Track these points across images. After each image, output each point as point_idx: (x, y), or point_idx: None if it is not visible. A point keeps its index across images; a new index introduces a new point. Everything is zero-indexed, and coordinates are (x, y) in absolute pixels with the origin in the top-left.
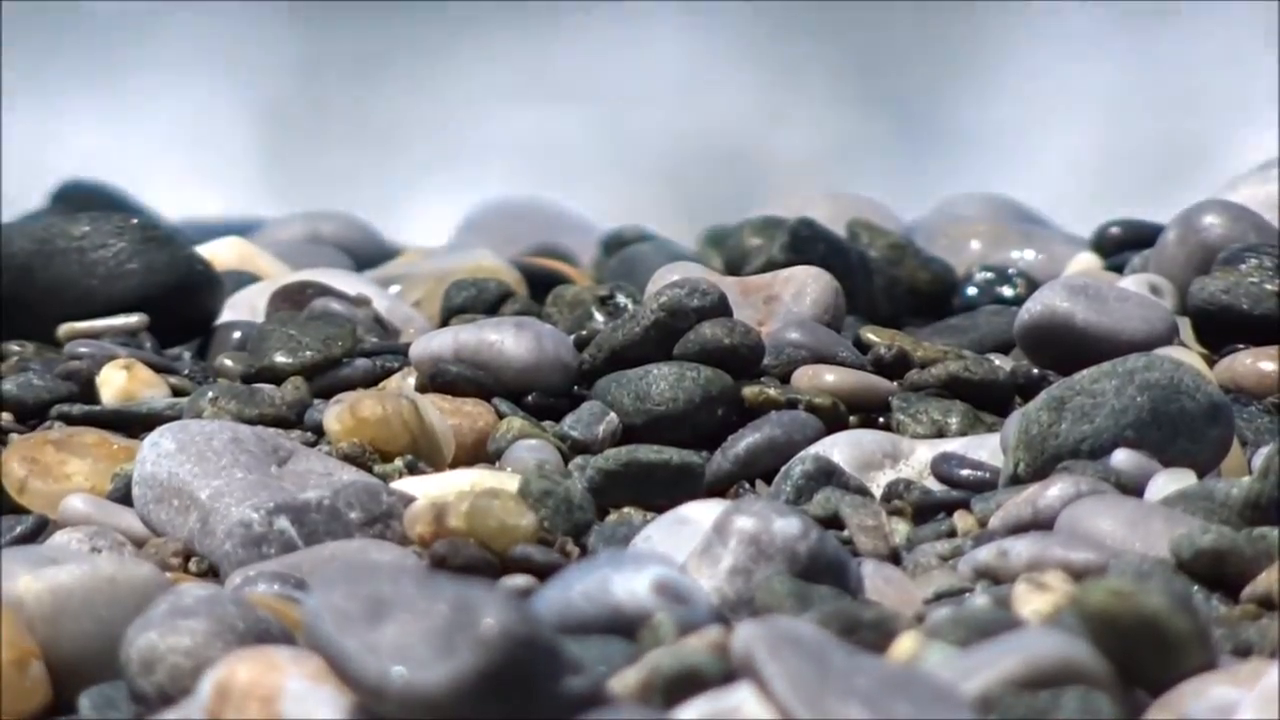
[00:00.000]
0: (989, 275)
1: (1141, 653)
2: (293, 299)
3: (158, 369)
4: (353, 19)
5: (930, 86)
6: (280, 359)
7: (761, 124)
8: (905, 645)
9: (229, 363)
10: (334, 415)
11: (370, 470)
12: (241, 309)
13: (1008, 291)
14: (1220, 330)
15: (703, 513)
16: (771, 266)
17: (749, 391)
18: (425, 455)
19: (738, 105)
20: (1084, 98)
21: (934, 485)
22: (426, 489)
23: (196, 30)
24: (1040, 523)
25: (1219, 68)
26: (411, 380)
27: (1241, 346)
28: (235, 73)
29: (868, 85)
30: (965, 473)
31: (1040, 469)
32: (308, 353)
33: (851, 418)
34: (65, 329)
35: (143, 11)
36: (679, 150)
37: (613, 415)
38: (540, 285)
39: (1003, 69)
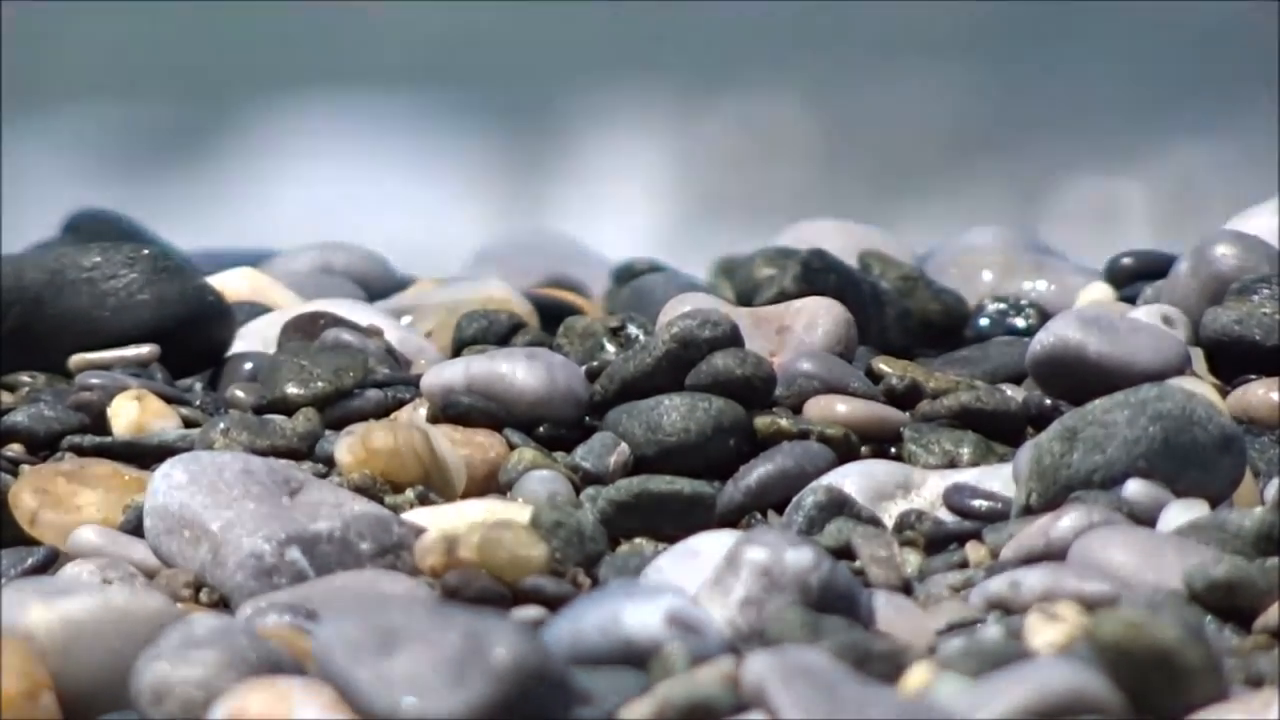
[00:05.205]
0: (1001, 306)
1: (1154, 683)
2: (304, 330)
3: (169, 400)
4: None
5: None
6: (292, 390)
7: None
8: (917, 676)
9: (240, 394)
10: (345, 446)
11: (381, 501)
12: (253, 340)
13: (1020, 322)
14: (1233, 361)
15: (714, 544)
16: (783, 297)
17: (761, 422)
18: (437, 486)
19: None
20: None
21: (946, 516)
22: (438, 520)
23: None
24: (1052, 553)
25: None
26: (423, 411)
27: (1254, 377)
28: None
29: None
30: (977, 503)
31: (1052, 499)
32: (319, 384)
33: (863, 448)
34: (76, 360)
35: None
36: None
37: (624, 446)
38: (551, 316)
39: None
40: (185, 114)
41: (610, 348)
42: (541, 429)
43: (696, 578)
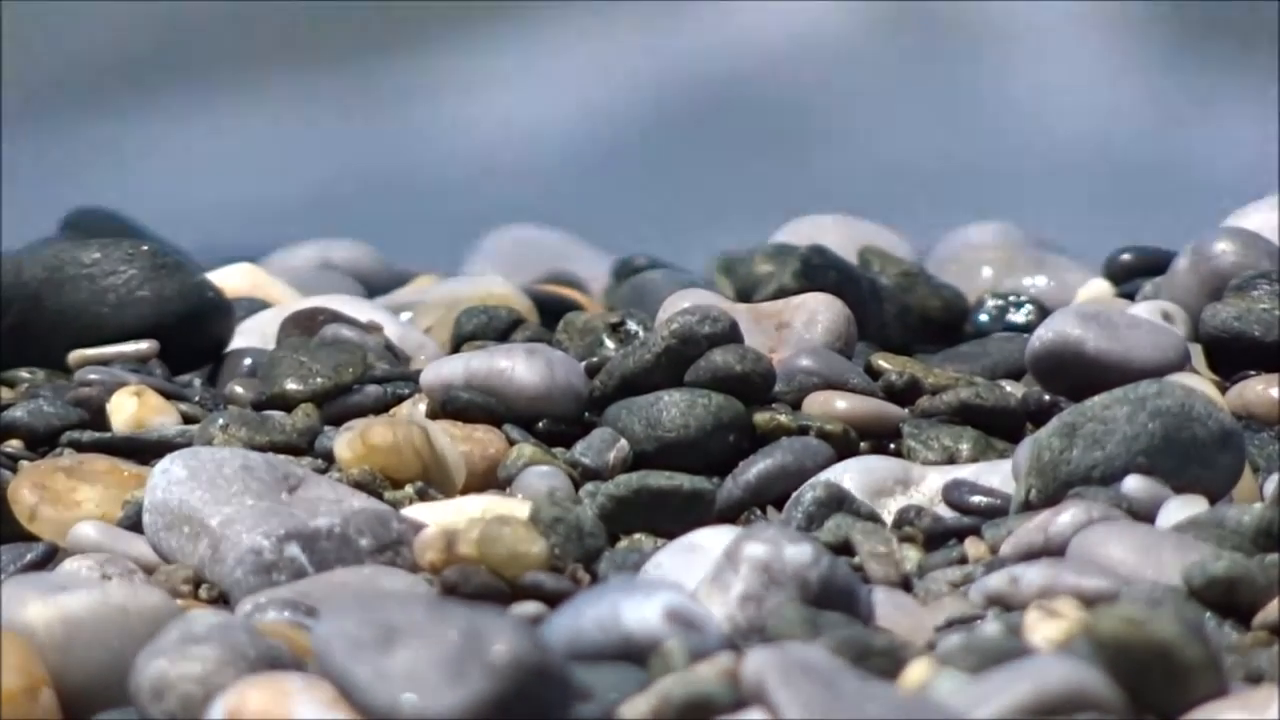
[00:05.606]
0: (1000, 302)
1: (1153, 680)
2: (304, 325)
3: (168, 396)
4: None
5: None
6: (291, 386)
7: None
8: (916, 672)
9: (240, 389)
10: (345, 442)
11: (381, 497)
12: (252, 336)
13: (1019, 318)
14: (1232, 357)
15: (714, 539)
16: (783, 293)
17: (760, 418)
18: (436, 482)
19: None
20: None
21: (945, 512)
22: (437, 516)
23: None
24: (1052, 549)
25: None
26: (422, 407)
27: (1253, 373)
28: None
29: None
30: (976, 499)
31: (1052, 495)
32: (318, 379)
33: (863, 444)
34: (75, 356)
35: None
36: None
37: (624, 442)
38: (551, 312)
39: None
40: None
41: (610, 344)
42: (541, 425)
43: (696, 574)
